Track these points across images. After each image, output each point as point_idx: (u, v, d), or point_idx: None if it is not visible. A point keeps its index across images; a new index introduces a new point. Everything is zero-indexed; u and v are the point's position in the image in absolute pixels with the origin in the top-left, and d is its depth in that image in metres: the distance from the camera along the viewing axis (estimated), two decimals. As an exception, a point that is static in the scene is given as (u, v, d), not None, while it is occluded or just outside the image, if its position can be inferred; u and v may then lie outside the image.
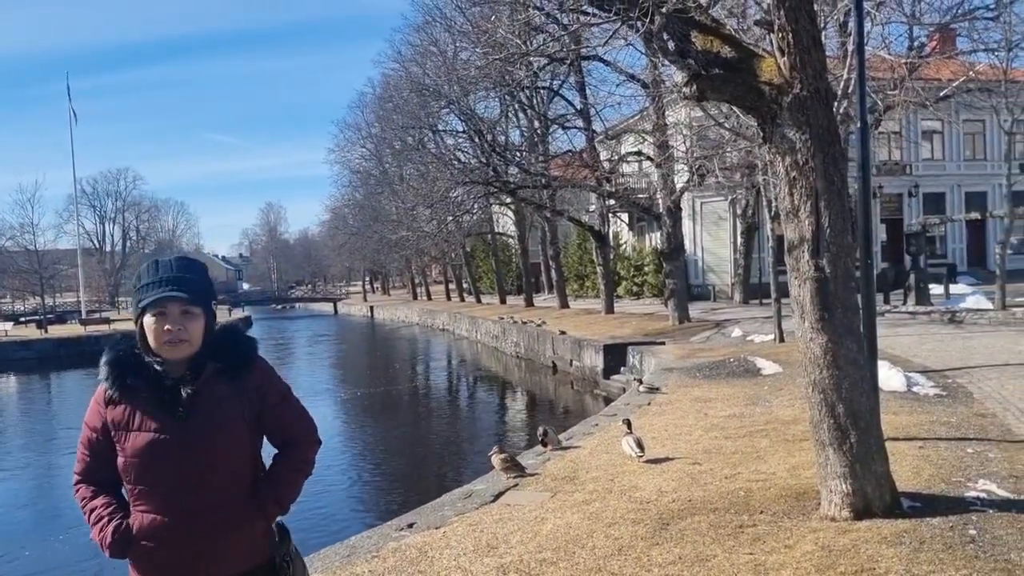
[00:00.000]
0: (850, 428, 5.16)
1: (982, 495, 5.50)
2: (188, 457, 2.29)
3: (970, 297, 21.77)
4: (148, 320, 2.35)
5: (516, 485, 6.76)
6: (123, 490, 2.42)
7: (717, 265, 32.36)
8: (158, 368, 2.35)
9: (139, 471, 2.32)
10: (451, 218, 29.65)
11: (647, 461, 7.02)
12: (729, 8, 9.42)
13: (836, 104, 9.96)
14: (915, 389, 9.63)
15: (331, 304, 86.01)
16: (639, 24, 5.07)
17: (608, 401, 14.35)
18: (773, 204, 13.49)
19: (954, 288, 24.08)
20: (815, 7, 8.44)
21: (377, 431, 17.75)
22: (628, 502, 5.94)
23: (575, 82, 25.07)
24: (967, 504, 5.30)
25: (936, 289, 22.98)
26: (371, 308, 69.88)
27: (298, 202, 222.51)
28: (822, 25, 10.05)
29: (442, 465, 13.96)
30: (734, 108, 9.97)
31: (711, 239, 32.39)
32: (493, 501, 6.34)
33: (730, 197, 28.82)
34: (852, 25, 7.56)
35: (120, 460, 2.34)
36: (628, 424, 7.62)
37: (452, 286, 57.03)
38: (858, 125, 6.60)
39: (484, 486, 6.90)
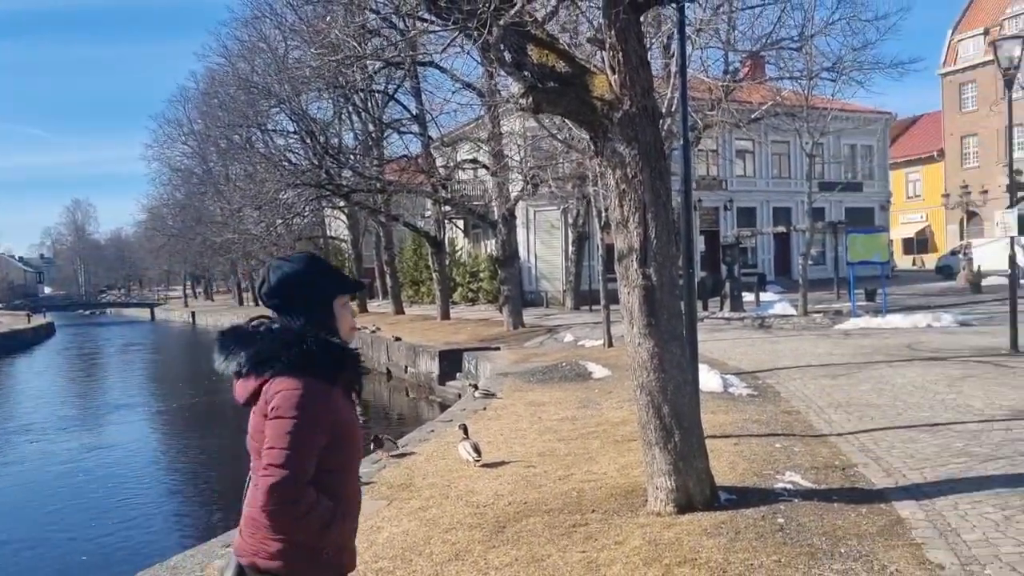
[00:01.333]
0: (674, 428, 5.48)
1: (789, 486, 6.00)
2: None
3: (777, 304, 23.71)
4: (339, 306, 2.43)
5: (352, 495, 6.62)
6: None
7: (550, 272, 33.29)
8: (351, 351, 2.42)
9: (350, 457, 2.39)
10: (280, 221, 28.62)
11: (484, 465, 7.10)
12: (562, 24, 9.75)
13: (661, 121, 10.57)
14: (731, 390, 10.35)
15: (147, 310, 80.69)
16: (476, 34, 5.14)
17: (444, 407, 14.39)
18: (603, 214, 14.06)
19: (764, 296, 26.14)
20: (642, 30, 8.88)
21: (199, 445, 16.83)
22: (465, 507, 5.99)
23: (411, 87, 25.01)
24: (776, 495, 5.76)
25: (748, 296, 24.87)
26: (192, 314, 66.09)
27: (110, 200, 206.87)
28: (647, 46, 10.63)
29: (271, 477, 13.41)
30: (567, 121, 10.32)
31: (544, 247, 33.27)
32: (328, 513, 6.18)
33: (562, 207, 29.76)
34: (675, 48, 8.05)
35: (334, 450, 2.29)
36: (464, 429, 7.68)
37: (281, 291, 54.92)
38: (681, 142, 7.02)
39: (318, 498, 6.70)
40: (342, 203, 30.61)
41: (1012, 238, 14.04)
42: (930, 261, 47.68)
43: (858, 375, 11.37)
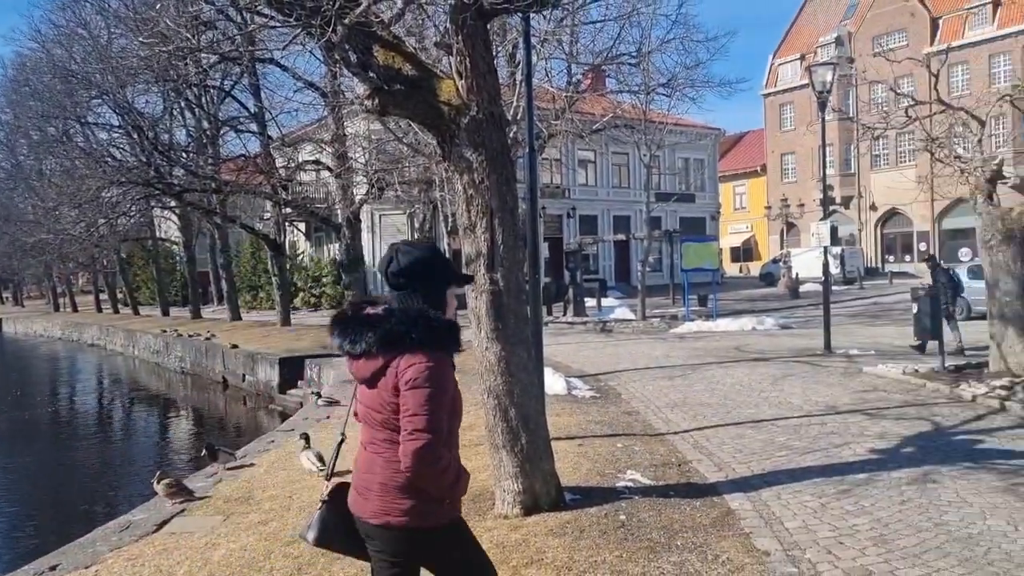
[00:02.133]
0: (521, 431, 5.54)
1: (630, 484, 6.21)
2: None
3: (618, 309, 24.67)
4: (450, 294, 2.77)
5: (183, 511, 6.24)
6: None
7: (395, 277, 32.94)
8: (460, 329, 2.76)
9: (458, 423, 2.74)
10: (103, 221, 26.56)
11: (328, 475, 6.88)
12: (408, 27, 9.67)
13: (507, 129, 10.70)
14: (575, 392, 10.62)
15: (-56, 317, 72.76)
16: (320, 32, 4.98)
17: (285, 416, 13.87)
18: (450, 219, 14.07)
19: (605, 301, 27.12)
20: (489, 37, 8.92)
21: (7, 463, 15.31)
22: (308, 518, 5.77)
23: (249, 84, 23.97)
24: (618, 493, 5.95)
25: (590, 302, 25.70)
26: (-1, 321, 60.28)
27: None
28: (494, 54, 10.75)
29: (93, 497, 12.40)
30: (413, 124, 10.24)
31: (388, 252, 32.92)
32: (156, 531, 5.79)
33: (409, 211, 29.54)
34: (521, 56, 8.17)
35: (452, 416, 2.67)
36: (306, 438, 7.42)
37: (104, 296, 51.18)
38: (526, 149, 7.12)
39: (145, 515, 6.26)
40: (173, 203, 28.88)
41: (825, 248, 15.30)
42: (755, 268, 51.25)
43: (692, 376, 11.99)
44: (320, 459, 6.95)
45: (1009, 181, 35.31)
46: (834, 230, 15.92)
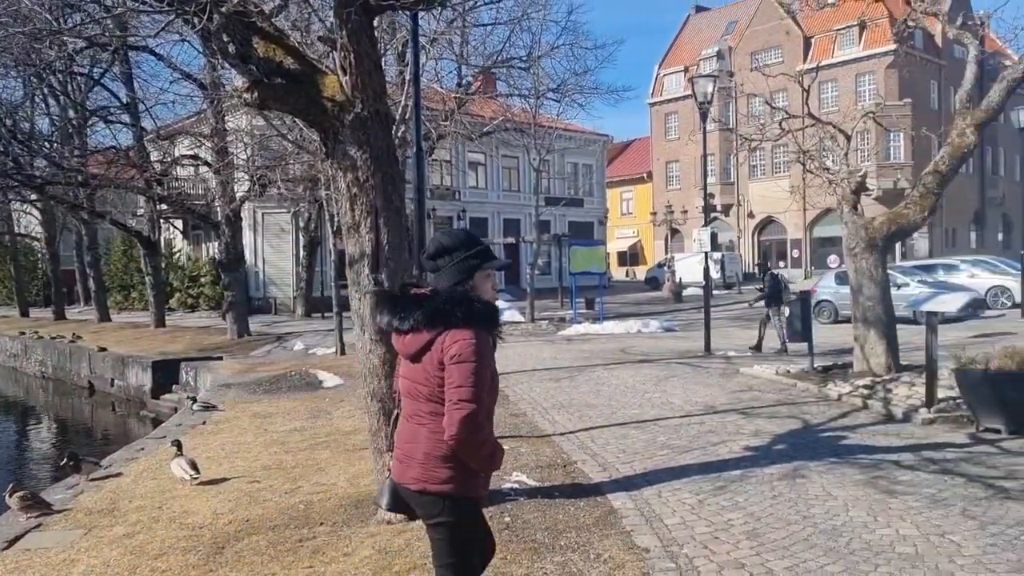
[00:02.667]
0: (405, 434, 5.44)
1: (515, 485, 6.21)
2: None
3: (507, 311, 24.74)
4: (482, 277, 2.95)
5: (39, 526, 5.81)
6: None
7: (279, 278, 31.98)
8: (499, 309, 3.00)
9: (496, 397, 2.98)
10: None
11: (202, 483, 6.58)
12: (294, 21, 9.40)
13: (395, 128, 10.56)
14: (460, 394, 10.55)
15: None
16: (196, 20, 4.75)
17: (158, 423, 13.19)
18: (336, 219, 13.76)
19: (493, 303, 27.12)
20: (377, 34, 8.78)
21: None
22: (179, 529, 5.50)
23: (120, 72, 22.69)
24: (504, 495, 5.94)
25: (477, 303, 25.66)
26: None
27: None
28: (382, 52, 10.58)
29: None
30: (297, 120, 9.95)
31: (273, 251, 31.91)
32: (7, 548, 5.37)
33: (293, 209, 28.77)
34: (409, 56, 8.07)
35: (490, 389, 2.87)
36: (178, 445, 7.07)
37: (-44, 296, 47.42)
38: (414, 149, 7.03)
39: (-5, 533, 5.80)
40: (34, 196, 27.06)
41: (706, 253, 15.87)
42: (640, 273, 52.65)
43: (579, 378, 12.16)
44: (194, 466, 6.63)
45: (873, 193, 37.72)
46: (714, 236, 16.54)
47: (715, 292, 35.53)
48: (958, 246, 46.68)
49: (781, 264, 50.30)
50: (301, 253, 29.85)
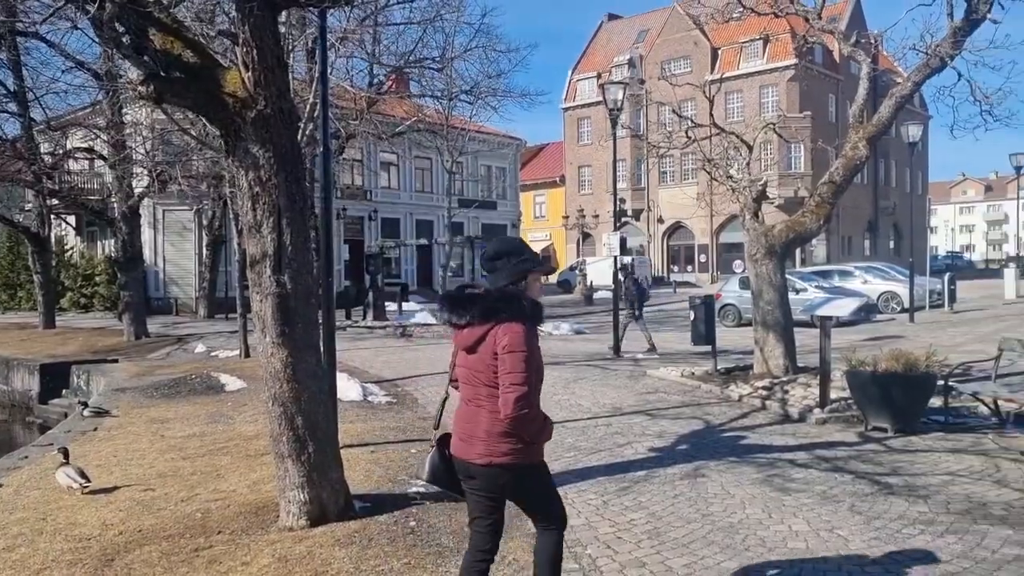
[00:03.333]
0: (308, 439, 5.33)
1: (422, 489, 6.14)
2: None
3: (419, 314, 24.58)
4: (532, 279, 3.45)
5: (-91, 544, 5.41)
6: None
7: (181, 277, 30.85)
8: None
9: (541, 376, 3.33)
10: None
11: (91, 492, 6.27)
12: (197, 12, 9.09)
13: (303, 126, 10.33)
14: (370, 398, 10.43)
15: None
16: (88, 7, 4.53)
17: (45, 429, 12.52)
18: (240, 217, 13.37)
19: (406, 305, 26.93)
20: (283, 29, 8.60)
21: None
22: (65, 541, 5.22)
23: (8, 59, 21.44)
24: (409, 499, 5.89)
25: (391, 306, 25.42)
26: None
27: None
28: (290, 48, 10.35)
29: None
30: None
31: (175, 250, 30.74)
32: None
33: (196, 207, 27.83)
34: (318, 53, 7.91)
35: (537, 374, 3.27)
36: (65, 453, 6.69)
37: None
38: (321, 148, 6.90)
39: None
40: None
41: (616, 257, 16.14)
42: (553, 276, 53.20)
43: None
44: (83, 475, 6.31)
45: (775, 201, 39.24)
46: (623, 241, 16.84)
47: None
48: (853, 253, 49.03)
49: (689, 268, 51.75)
50: (204, 252, 28.85)
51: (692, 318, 12.45)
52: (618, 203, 18.22)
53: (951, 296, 23.78)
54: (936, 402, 8.30)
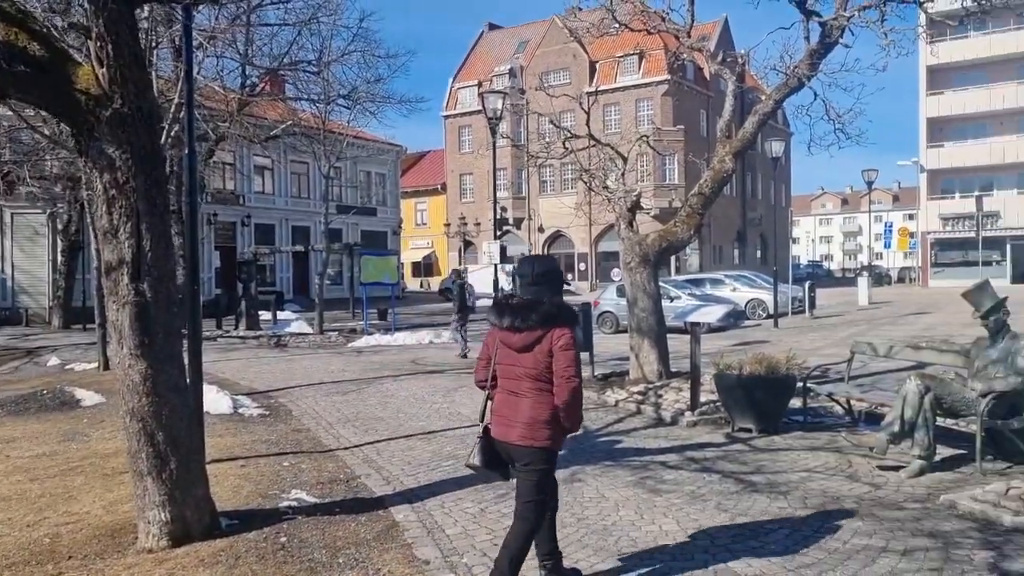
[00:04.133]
0: (170, 455, 5.06)
1: (294, 503, 5.97)
2: None
3: (295, 323, 23.90)
4: (565, 291, 4.44)
5: None
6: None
7: (32, 286, 28.75)
8: None
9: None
10: None
11: (-78, 523, 5.72)
12: (50, 3, 8.53)
13: (167, 127, 9.85)
14: (241, 410, 10.03)
15: None
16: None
17: None
18: (95, 221, 12.61)
19: (281, 314, 26.12)
20: (146, 24, 8.20)
21: None
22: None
23: None
24: (281, 514, 5.68)
25: (265, 315, 24.59)
26: None
27: None
28: (154, 44, 9.87)
29: None
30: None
31: (25, 256, 28.63)
32: None
33: (49, 210, 26.06)
34: (183, 51, 7.56)
35: None
36: None
37: None
38: (186, 151, 6.60)
39: None
40: None
41: (496, 265, 16.24)
42: (435, 283, 53.00)
43: (367, 390, 11.96)
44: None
45: (650, 211, 40.60)
46: (504, 249, 17.01)
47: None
48: (723, 262, 51.39)
49: (569, 277, 52.72)
50: (59, 259, 27.05)
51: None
52: (499, 211, 18.37)
53: (811, 303, 25.32)
54: (796, 403, 8.77)
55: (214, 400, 9.67)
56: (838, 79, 10.82)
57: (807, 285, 26.12)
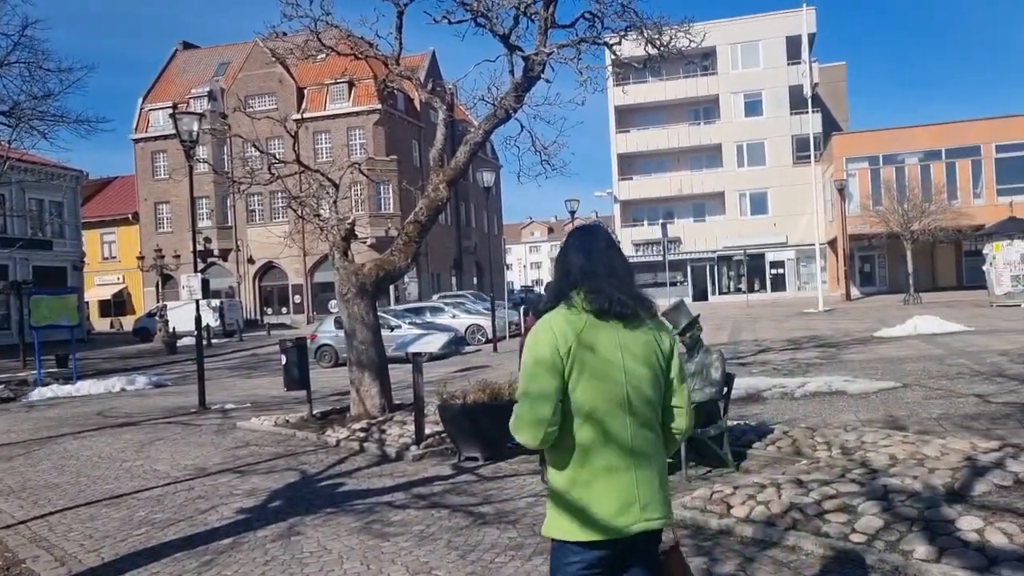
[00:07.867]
0: None
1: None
2: None
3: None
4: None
5: None
6: None
7: None
8: None
9: None
10: None
11: None
12: None
13: None
14: None
15: None
16: None
17: None
18: None
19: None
20: None
21: None
22: None
23: None
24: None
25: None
26: None
27: None
28: None
29: None
30: None
31: None
32: None
33: None
34: None
35: None
36: None
37: None
38: None
39: None
40: None
41: (197, 301, 14.86)
42: (128, 323, 48.02)
43: (39, 453, 10.21)
44: None
45: (367, 240, 40.19)
46: (206, 283, 15.64)
47: (215, 341, 33.99)
48: (442, 289, 52.35)
49: (284, 310, 50.58)
50: None
51: (284, 362, 11.84)
52: (201, 242, 16.93)
53: (526, 326, 26.43)
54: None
55: None
56: (542, 111, 11.33)
57: (522, 309, 27.29)
